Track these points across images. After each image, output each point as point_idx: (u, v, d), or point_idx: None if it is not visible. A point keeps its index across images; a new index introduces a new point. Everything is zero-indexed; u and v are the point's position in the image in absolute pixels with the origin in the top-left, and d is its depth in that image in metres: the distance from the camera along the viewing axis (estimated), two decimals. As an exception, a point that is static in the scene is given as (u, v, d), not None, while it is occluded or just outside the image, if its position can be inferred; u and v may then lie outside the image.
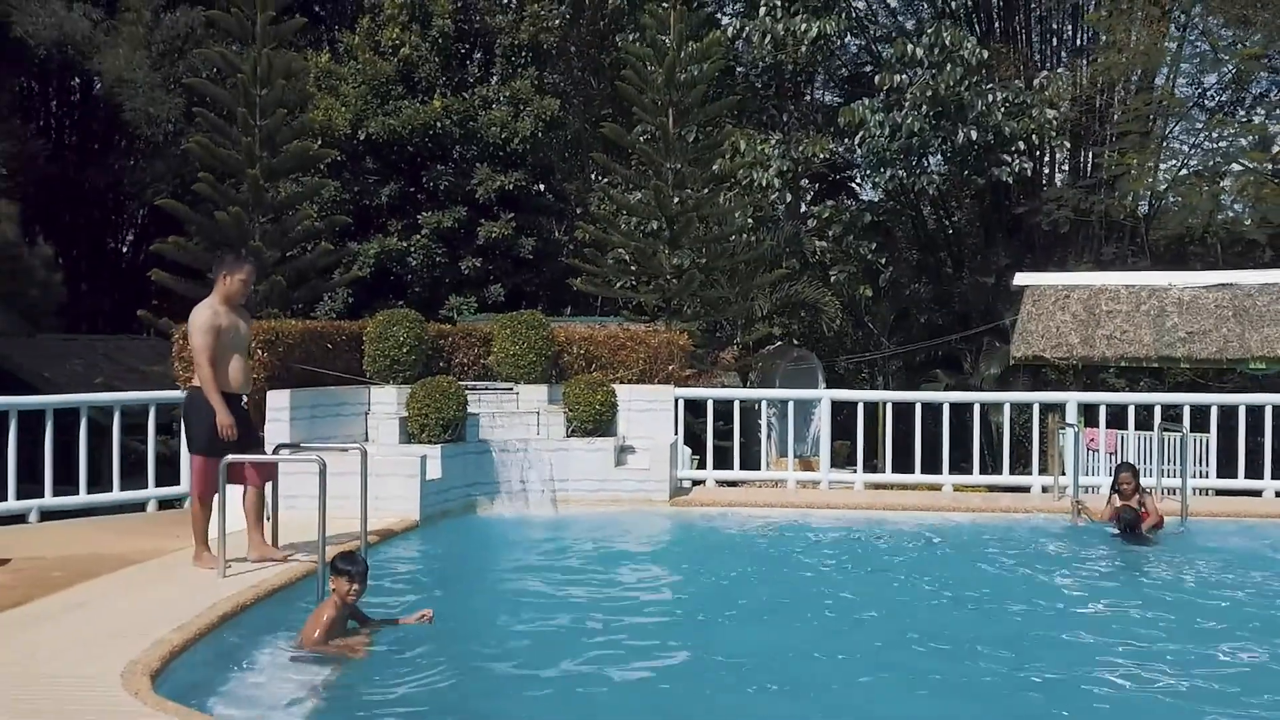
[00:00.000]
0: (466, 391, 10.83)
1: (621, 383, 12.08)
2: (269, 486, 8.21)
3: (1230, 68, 25.56)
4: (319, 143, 21.49)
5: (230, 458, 7.12)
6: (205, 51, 18.04)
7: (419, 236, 21.89)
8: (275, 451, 8.17)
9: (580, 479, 10.99)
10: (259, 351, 9.74)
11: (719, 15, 25.30)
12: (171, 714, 4.68)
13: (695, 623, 7.62)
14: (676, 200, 17.75)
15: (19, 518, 10.82)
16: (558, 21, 24.73)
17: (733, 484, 13.14)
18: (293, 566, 7.51)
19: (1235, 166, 24.78)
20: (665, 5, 17.96)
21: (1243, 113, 26.44)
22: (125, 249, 32.09)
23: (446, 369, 11.75)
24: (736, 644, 6.98)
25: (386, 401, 10.74)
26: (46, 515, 10.93)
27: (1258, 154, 24.73)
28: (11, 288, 22.95)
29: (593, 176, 25.58)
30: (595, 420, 11.24)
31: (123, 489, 11.43)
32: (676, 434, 12.30)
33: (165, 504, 11.59)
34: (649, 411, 11.92)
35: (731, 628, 7.44)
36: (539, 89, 23.28)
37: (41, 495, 10.94)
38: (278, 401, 9.62)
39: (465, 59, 23.36)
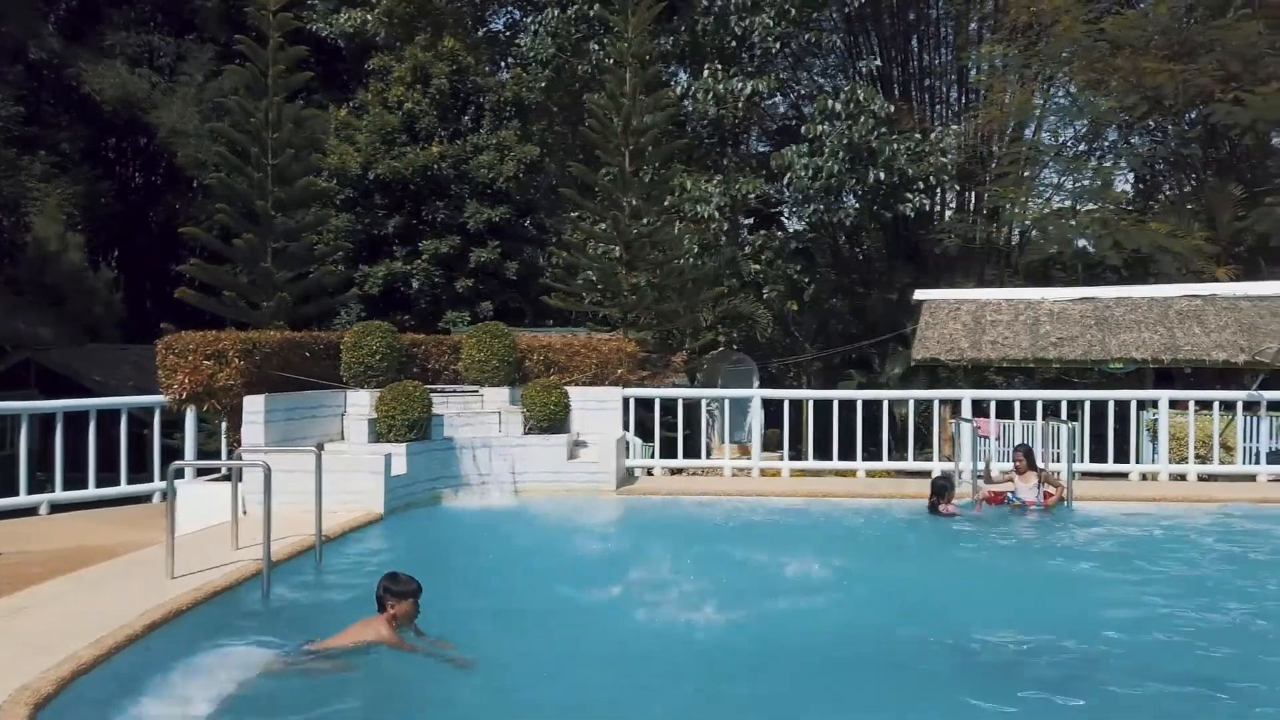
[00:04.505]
0: (435, 394, 9.55)
1: (576, 385, 10.80)
2: (239, 486, 6.92)
3: (1086, 122, 24.65)
4: (334, 182, 20.24)
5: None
6: (227, 100, 16.63)
7: (420, 261, 20.56)
8: (233, 456, 6.87)
9: (537, 471, 9.70)
10: (235, 360, 8.37)
11: (671, 78, 24.14)
12: (23, 762, 3.36)
13: (628, 596, 6.41)
14: (634, 230, 16.69)
15: (31, 510, 9.47)
16: (543, 84, 23.56)
17: (679, 470, 12.03)
18: (241, 566, 6.16)
19: (1089, 204, 23.90)
20: (623, 68, 16.81)
21: (1094, 161, 25.48)
22: (185, 273, 30.49)
23: (421, 374, 10.42)
24: (653, 610, 5.94)
25: (361, 404, 9.41)
26: (57, 508, 9.58)
27: (1110, 192, 23.88)
28: (78, 305, 21.49)
29: (572, 212, 24.45)
30: (550, 419, 9.95)
31: (130, 483, 10.11)
32: (627, 429, 11.10)
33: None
34: (600, 410, 10.65)
35: (651, 596, 6.26)
36: (521, 138, 22.01)
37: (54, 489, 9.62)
38: (253, 405, 8.26)
39: (459, 112, 22.01)
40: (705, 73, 21.78)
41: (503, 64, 26.44)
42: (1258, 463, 12.15)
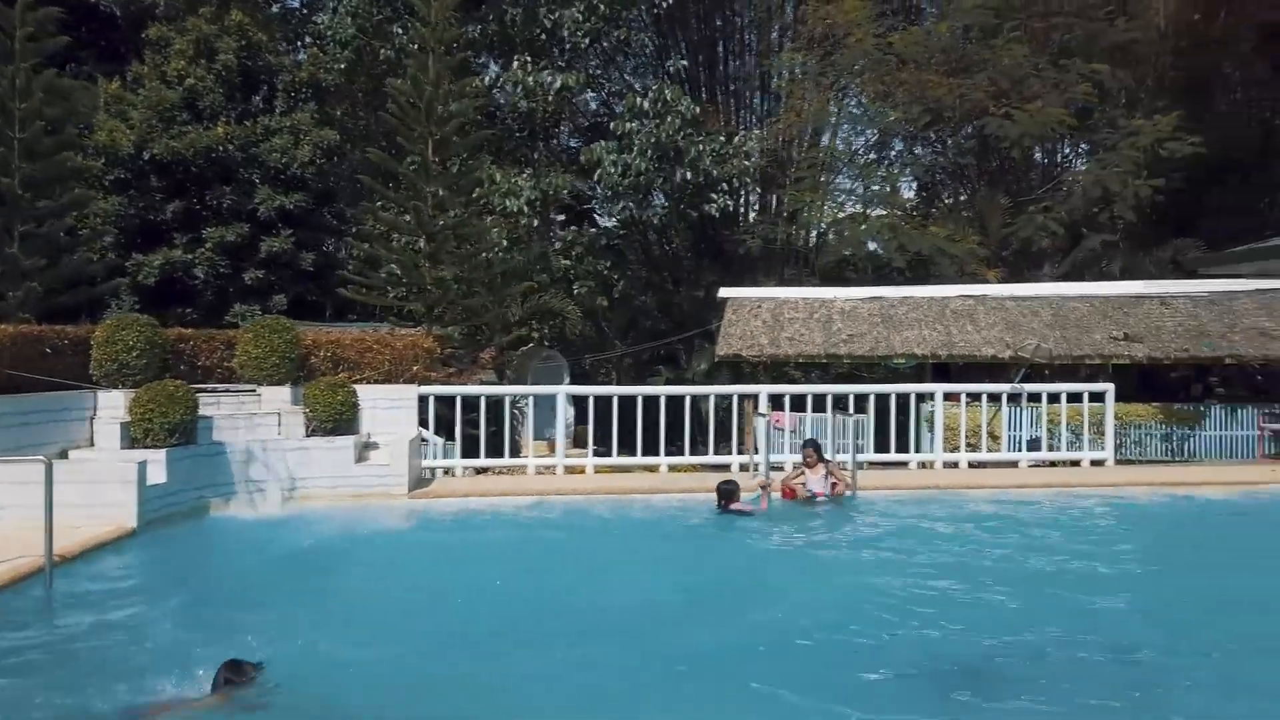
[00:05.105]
0: (204, 394, 8.71)
1: (368, 383, 10.19)
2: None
3: (875, 131, 26.11)
4: (102, 160, 18.31)
5: None
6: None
7: (204, 249, 18.98)
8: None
9: (320, 476, 9.05)
10: (-48, 357, 7.26)
11: (481, 68, 23.51)
12: None
13: (400, 609, 6.01)
14: (439, 222, 16.06)
15: None
16: (343, 66, 22.33)
17: (484, 470, 11.63)
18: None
19: (879, 209, 25.34)
20: (427, 53, 16.13)
21: (883, 169, 27.07)
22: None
23: (190, 373, 9.49)
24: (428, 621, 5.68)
25: (114, 406, 8.43)
26: None
27: (897, 198, 25.46)
28: None
29: (374, 202, 23.38)
30: (335, 419, 9.31)
31: None
32: (427, 428, 10.59)
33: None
34: (394, 409, 10.10)
35: (424, 606, 5.99)
36: (319, 121, 20.76)
37: None
38: (-26, 409, 7.20)
39: (249, 92, 20.48)
40: (515, 64, 21.37)
41: (299, 43, 24.91)
42: (1020, 450, 13.19)
